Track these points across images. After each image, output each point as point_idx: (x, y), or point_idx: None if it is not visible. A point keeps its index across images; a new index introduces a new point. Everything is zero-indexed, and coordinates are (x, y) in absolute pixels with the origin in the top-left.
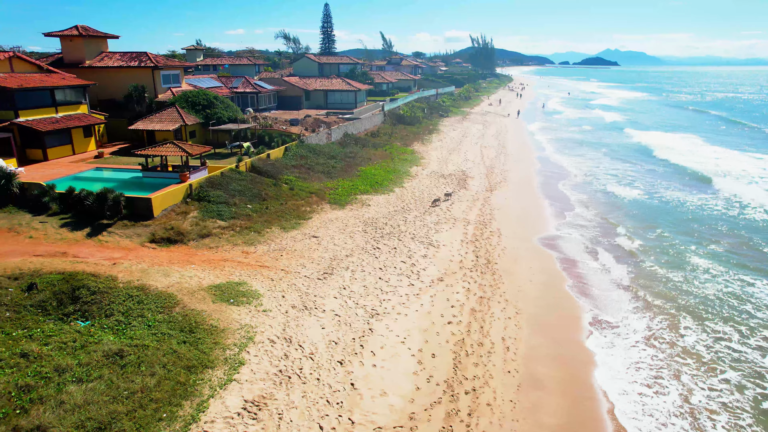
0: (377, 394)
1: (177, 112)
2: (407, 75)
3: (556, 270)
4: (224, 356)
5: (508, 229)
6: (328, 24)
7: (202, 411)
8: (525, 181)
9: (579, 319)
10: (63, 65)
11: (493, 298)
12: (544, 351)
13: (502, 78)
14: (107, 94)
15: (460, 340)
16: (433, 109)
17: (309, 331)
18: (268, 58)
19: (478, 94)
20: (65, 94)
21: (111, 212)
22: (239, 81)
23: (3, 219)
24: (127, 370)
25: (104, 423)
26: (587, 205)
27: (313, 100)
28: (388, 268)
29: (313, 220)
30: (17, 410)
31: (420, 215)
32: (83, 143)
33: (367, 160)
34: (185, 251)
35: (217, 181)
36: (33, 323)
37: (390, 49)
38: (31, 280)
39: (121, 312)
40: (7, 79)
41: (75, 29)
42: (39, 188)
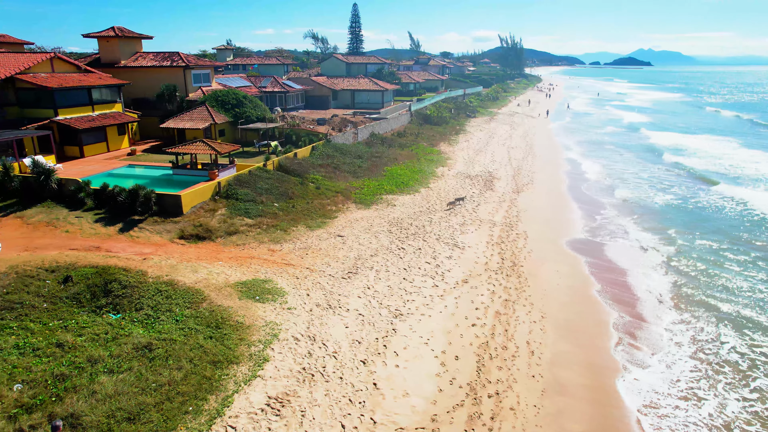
0: (399, 395)
1: (207, 111)
2: (434, 75)
3: (584, 274)
4: (249, 352)
5: (535, 232)
6: (356, 24)
7: (226, 406)
8: (553, 182)
9: (606, 324)
10: (100, 65)
11: (518, 301)
12: (569, 356)
13: (530, 78)
14: (140, 92)
15: (483, 343)
16: (460, 110)
17: (333, 330)
18: (296, 57)
19: (506, 95)
20: (101, 93)
21: (142, 208)
22: (268, 80)
23: (42, 213)
24: (155, 363)
25: (133, 414)
26: (617, 209)
27: (341, 100)
28: (412, 268)
29: (338, 220)
30: (53, 398)
31: (445, 216)
32: (117, 141)
33: (393, 160)
34: (213, 248)
35: (244, 180)
36: (68, 315)
37: (418, 48)
38: (66, 273)
39: (150, 306)
40: (48, 78)
41: (111, 30)
42: (75, 184)
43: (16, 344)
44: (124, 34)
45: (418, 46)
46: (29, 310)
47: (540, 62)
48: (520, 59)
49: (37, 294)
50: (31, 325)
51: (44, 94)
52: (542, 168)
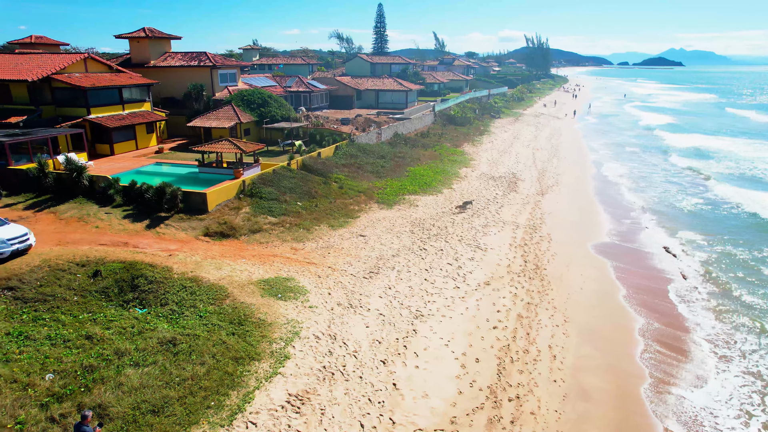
0: (419, 396)
1: (233, 110)
2: (459, 75)
3: (610, 279)
4: (270, 349)
5: (559, 234)
6: (381, 24)
7: (247, 402)
8: (579, 185)
9: (632, 331)
10: (130, 65)
11: (540, 304)
12: (592, 362)
13: (557, 79)
14: (168, 92)
15: (505, 346)
16: (485, 110)
17: (353, 329)
18: (321, 57)
19: (532, 95)
20: (131, 92)
21: (168, 206)
22: (293, 80)
23: (74, 209)
24: (179, 358)
25: (157, 406)
26: (644, 212)
27: (365, 100)
28: (434, 269)
29: (360, 219)
30: (82, 388)
31: (468, 217)
32: (146, 139)
33: (416, 160)
34: (237, 245)
35: (269, 178)
36: (97, 308)
37: (442, 48)
38: (96, 267)
39: (175, 302)
40: (81, 78)
41: (142, 31)
42: (105, 181)
43: (48, 335)
44: (154, 35)
45: (443, 46)
46: (61, 303)
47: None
48: (547, 59)
49: (68, 287)
50: (62, 317)
51: (78, 94)
52: (568, 170)
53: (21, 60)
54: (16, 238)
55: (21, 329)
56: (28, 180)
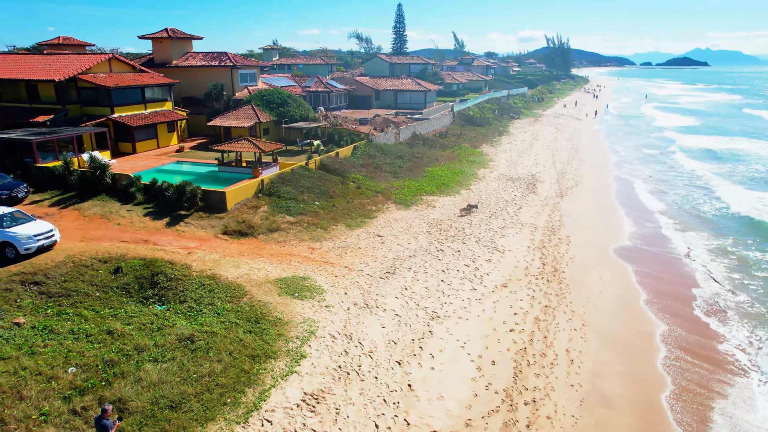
0: (434, 398)
1: (252, 110)
2: (478, 75)
3: (631, 283)
4: (287, 348)
5: (579, 237)
6: (400, 24)
7: (263, 399)
8: (599, 187)
9: (653, 336)
10: (153, 65)
11: (558, 307)
12: (611, 367)
13: (577, 79)
14: (189, 91)
15: (521, 349)
16: (504, 111)
17: (369, 329)
18: (340, 57)
19: (552, 96)
20: (153, 91)
21: (188, 204)
22: (312, 80)
23: (97, 206)
24: (197, 355)
25: (175, 402)
26: (667, 216)
27: (383, 100)
28: (450, 270)
29: (378, 219)
30: (102, 382)
31: (486, 219)
32: (167, 138)
33: (434, 160)
34: (255, 244)
35: (287, 178)
36: (118, 304)
37: (462, 48)
38: (117, 263)
39: (193, 299)
40: (106, 78)
41: (165, 32)
42: (127, 179)
43: (71, 329)
44: (176, 35)
45: (463, 46)
46: (83, 298)
47: (588, 63)
48: (567, 60)
49: (90, 283)
50: (84, 312)
51: (102, 93)
52: (588, 172)
53: (49, 61)
54: (42, 234)
55: (46, 323)
56: (54, 177)
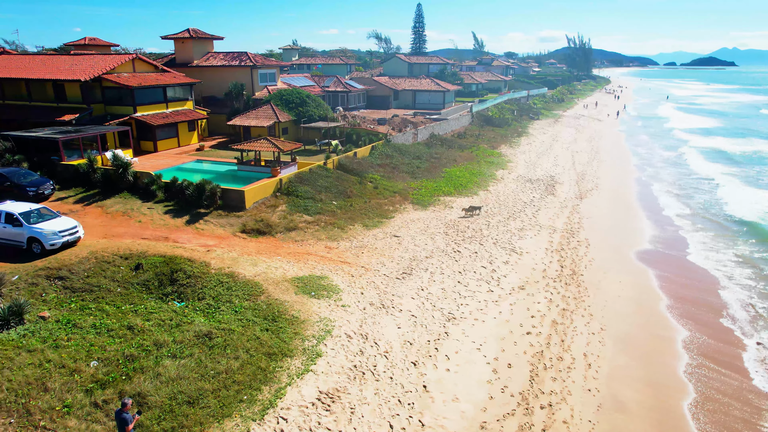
0: (449, 399)
1: (272, 110)
2: (498, 76)
3: (651, 287)
4: (303, 347)
5: (598, 240)
6: (419, 24)
7: (279, 397)
8: (619, 189)
9: (673, 342)
10: (175, 65)
11: (576, 311)
12: (629, 372)
13: (598, 80)
14: (210, 91)
15: (538, 352)
16: (523, 111)
17: (385, 330)
18: (359, 57)
19: (572, 97)
20: (175, 91)
21: (208, 202)
22: (331, 80)
23: (119, 204)
24: (214, 352)
25: (193, 398)
26: (690, 219)
27: (402, 100)
28: (467, 272)
29: (395, 220)
30: (123, 376)
31: (503, 220)
32: (187, 136)
33: (452, 161)
34: (272, 243)
35: (305, 177)
36: (138, 300)
37: (481, 48)
38: (138, 260)
39: (211, 296)
40: (129, 78)
41: (186, 32)
42: (148, 177)
43: (93, 324)
44: (198, 35)
45: (482, 46)
46: (105, 294)
47: (609, 63)
48: (588, 60)
49: (112, 279)
50: (106, 307)
51: (125, 93)
52: (608, 173)
53: (75, 61)
54: (67, 231)
55: (69, 317)
56: (78, 175)
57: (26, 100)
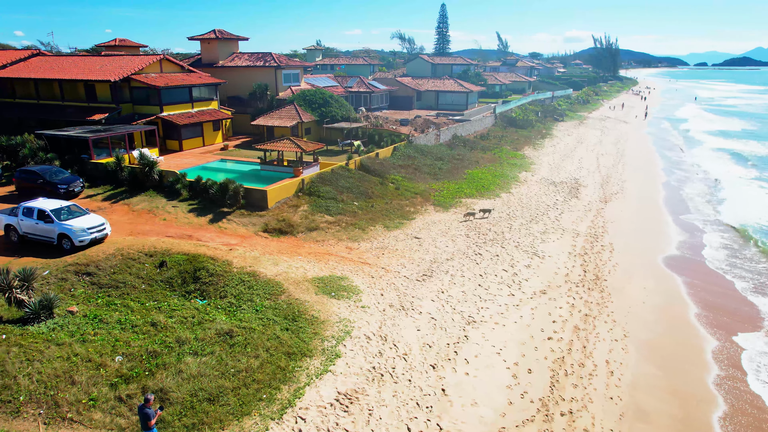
0: (468, 403)
1: (295, 110)
2: (522, 77)
3: (678, 294)
4: (322, 347)
5: (622, 244)
6: (443, 24)
7: (298, 397)
8: (646, 193)
9: (702, 351)
10: (201, 65)
11: (599, 316)
12: (653, 381)
13: (625, 81)
14: (234, 91)
15: (559, 358)
16: (548, 113)
17: (404, 332)
18: (383, 58)
19: (598, 98)
20: (200, 91)
21: (231, 201)
22: (354, 80)
23: (145, 202)
24: (235, 350)
25: (213, 395)
26: (721, 226)
27: (424, 101)
28: (488, 275)
29: (416, 221)
30: (146, 372)
31: (526, 223)
32: (212, 136)
33: (474, 163)
34: (294, 242)
35: (327, 178)
36: (161, 297)
37: (505, 49)
38: (162, 258)
39: (233, 295)
40: (156, 78)
41: (212, 33)
42: (173, 176)
43: (118, 320)
44: (224, 36)
45: (506, 46)
46: (130, 290)
47: (637, 64)
48: (615, 60)
49: (137, 276)
50: (131, 303)
51: (152, 92)
52: (634, 176)
53: (106, 62)
54: (95, 227)
55: (96, 312)
56: (106, 173)
57: (59, 99)
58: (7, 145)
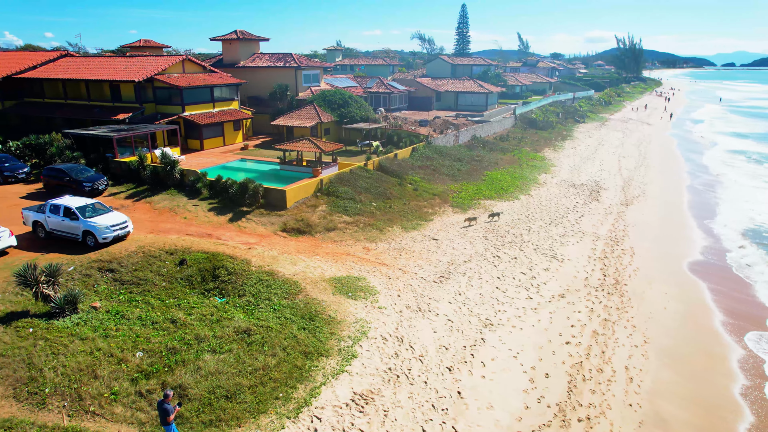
0: (483, 407)
1: (314, 110)
2: (542, 77)
3: (702, 301)
4: (338, 347)
5: (644, 249)
6: (464, 25)
7: (314, 396)
8: (669, 196)
9: (727, 360)
10: (222, 65)
11: (618, 322)
12: (674, 389)
13: (649, 82)
14: (254, 91)
15: (577, 363)
16: (568, 114)
17: (420, 333)
18: (402, 58)
19: (620, 99)
20: (221, 91)
21: (250, 201)
22: (373, 81)
23: (166, 200)
24: (252, 348)
25: (230, 392)
26: (750, 231)
27: (444, 102)
28: (506, 278)
29: (434, 222)
30: (165, 368)
31: (545, 226)
32: (232, 136)
33: (493, 164)
34: (312, 242)
35: (345, 178)
36: (181, 294)
37: (526, 49)
38: (182, 256)
39: (251, 293)
40: (179, 78)
41: (234, 34)
42: (194, 175)
43: (139, 316)
44: (245, 37)
45: (527, 47)
46: (151, 287)
47: (661, 64)
48: (638, 61)
49: (157, 273)
50: (152, 300)
51: (175, 92)
52: (656, 179)
53: (130, 62)
54: (118, 225)
55: (118, 308)
56: (129, 171)
57: (86, 99)
58: (36, 144)
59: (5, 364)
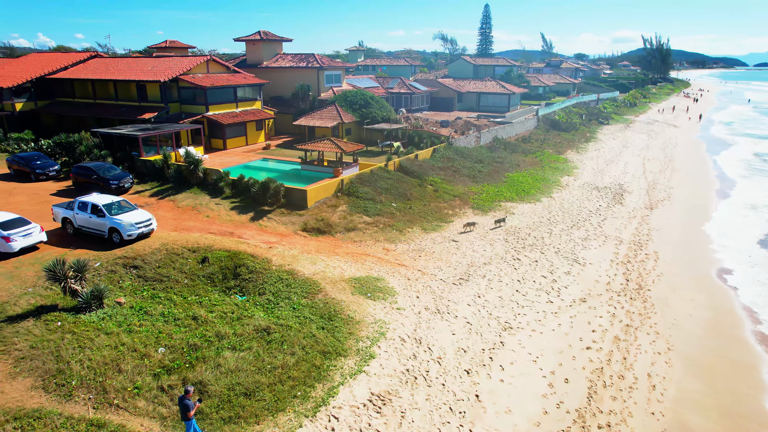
0: (502, 411)
1: (336, 111)
2: (566, 78)
3: (731, 309)
4: (357, 347)
5: (668, 254)
6: (486, 25)
7: (332, 396)
8: (695, 200)
9: (758, 370)
10: (245, 66)
11: (641, 327)
12: (700, 398)
13: (676, 83)
14: (277, 91)
15: (598, 369)
16: (592, 116)
17: (439, 335)
18: (424, 58)
19: (646, 101)
20: (245, 91)
21: (272, 200)
22: (395, 82)
23: (189, 198)
24: (271, 346)
25: (249, 390)
26: None
27: (465, 102)
28: (526, 281)
29: (454, 224)
30: (186, 364)
31: (566, 229)
32: (255, 135)
33: (515, 166)
34: (332, 242)
35: (366, 178)
36: (203, 292)
37: (550, 50)
38: (204, 254)
39: (271, 292)
40: (203, 78)
41: (257, 34)
42: (217, 174)
43: (162, 312)
44: (268, 37)
45: (551, 47)
46: (173, 284)
47: (690, 65)
48: (666, 62)
49: (180, 270)
50: (174, 297)
51: (199, 92)
52: (683, 183)
53: (156, 63)
54: (143, 222)
55: (141, 304)
56: (154, 170)
57: (114, 99)
58: (66, 143)
59: (35, 356)
